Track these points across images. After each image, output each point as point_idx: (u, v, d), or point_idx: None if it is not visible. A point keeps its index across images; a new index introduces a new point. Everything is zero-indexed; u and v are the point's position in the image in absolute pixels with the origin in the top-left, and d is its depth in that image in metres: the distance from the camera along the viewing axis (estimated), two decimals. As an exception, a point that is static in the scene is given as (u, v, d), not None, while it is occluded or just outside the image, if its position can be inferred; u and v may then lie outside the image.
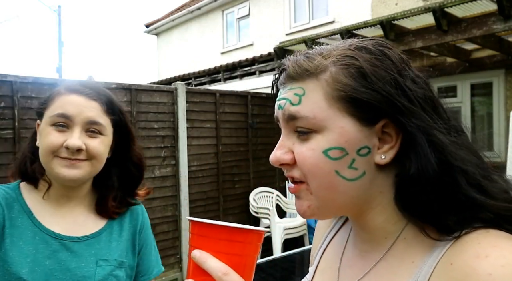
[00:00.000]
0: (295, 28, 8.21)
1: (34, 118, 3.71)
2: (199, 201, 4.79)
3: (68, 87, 0.95)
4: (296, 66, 0.56)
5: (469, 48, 5.06)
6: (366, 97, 0.52)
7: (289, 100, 0.56)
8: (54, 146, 0.89)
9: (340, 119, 0.53)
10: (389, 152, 0.54)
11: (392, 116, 0.52)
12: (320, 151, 0.53)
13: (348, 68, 0.53)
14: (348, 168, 0.53)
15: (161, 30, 12.20)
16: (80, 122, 0.91)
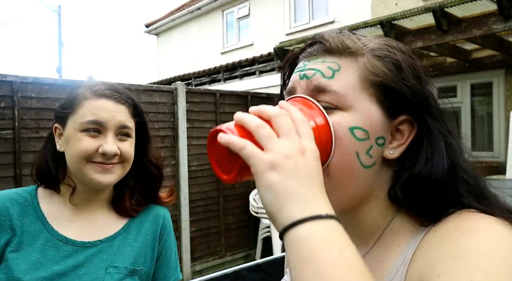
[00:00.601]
0: (295, 28, 8.21)
1: (34, 118, 3.68)
2: (199, 201, 4.79)
3: (95, 91, 0.95)
4: (338, 41, 0.56)
5: (469, 48, 5.06)
6: (400, 87, 0.54)
7: (321, 71, 0.55)
8: (88, 152, 0.89)
9: (369, 103, 0.53)
10: (398, 148, 0.55)
11: (416, 113, 0.54)
12: (347, 127, 0.52)
13: (385, 59, 0.55)
14: (366, 154, 0.53)
15: (161, 30, 12.20)
16: (113, 127, 0.92)
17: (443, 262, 0.45)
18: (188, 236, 4.60)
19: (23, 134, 3.46)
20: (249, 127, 0.48)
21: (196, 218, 4.74)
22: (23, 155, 3.44)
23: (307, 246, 0.40)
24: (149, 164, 1.06)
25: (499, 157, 5.79)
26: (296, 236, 0.41)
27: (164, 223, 1.07)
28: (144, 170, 1.05)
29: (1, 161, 3.36)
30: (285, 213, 0.42)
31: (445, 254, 0.45)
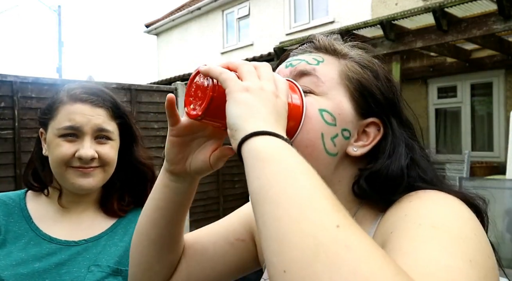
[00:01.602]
0: (295, 28, 8.21)
1: (34, 118, 3.69)
2: (199, 201, 4.79)
3: (71, 95, 0.94)
4: (327, 42, 0.63)
5: (469, 48, 5.06)
6: (373, 90, 0.59)
7: (306, 60, 0.60)
8: (66, 157, 0.90)
9: (342, 96, 0.58)
10: (361, 148, 0.59)
11: (384, 118, 0.59)
12: (317, 108, 0.56)
13: (365, 67, 0.61)
14: (330, 140, 0.56)
15: (161, 30, 12.20)
16: (89, 131, 0.92)
17: (395, 221, 0.50)
18: (188, 236, 4.60)
19: (23, 134, 3.46)
20: (232, 67, 0.52)
21: (196, 218, 4.74)
22: (23, 155, 3.44)
23: (269, 152, 0.42)
24: (138, 165, 1.04)
25: (499, 157, 5.79)
26: (257, 143, 0.43)
27: None
28: (132, 171, 1.04)
29: (1, 161, 3.36)
30: (250, 124, 0.45)
31: (396, 217, 0.50)
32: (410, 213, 0.49)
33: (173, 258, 0.68)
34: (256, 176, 0.41)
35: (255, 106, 0.46)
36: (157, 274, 0.67)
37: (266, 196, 0.39)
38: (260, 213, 0.39)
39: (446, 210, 0.48)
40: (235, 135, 0.45)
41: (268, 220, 0.38)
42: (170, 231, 0.65)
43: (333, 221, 0.35)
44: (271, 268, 0.36)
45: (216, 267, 0.69)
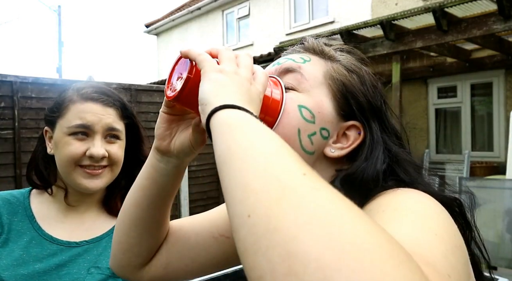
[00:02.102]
0: (295, 28, 8.22)
1: (34, 118, 3.69)
2: (199, 201, 4.79)
3: (81, 94, 0.94)
4: (316, 44, 0.64)
5: (469, 48, 5.06)
6: (357, 92, 0.60)
7: (293, 59, 0.62)
8: (76, 156, 0.90)
9: (324, 95, 0.59)
10: (339, 150, 0.59)
11: (366, 121, 0.59)
12: (296, 104, 0.57)
13: (352, 71, 0.62)
14: (307, 137, 0.57)
15: (161, 30, 12.20)
16: (100, 130, 0.92)
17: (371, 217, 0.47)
18: (188, 236, 4.60)
19: (23, 134, 3.46)
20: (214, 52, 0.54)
21: (196, 218, 4.74)
22: (23, 155, 3.44)
23: (237, 120, 0.41)
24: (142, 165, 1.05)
25: (499, 157, 5.79)
26: (226, 114, 0.43)
27: None
28: (136, 171, 1.05)
29: (1, 161, 3.36)
30: (220, 99, 0.45)
31: (372, 212, 0.49)
32: (386, 208, 0.48)
33: (154, 242, 0.67)
34: (223, 140, 0.40)
35: (228, 85, 0.47)
36: (136, 256, 0.67)
37: (233, 154, 0.38)
38: (225, 171, 0.38)
39: (413, 200, 0.49)
40: (205, 110, 0.45)
41: (233, 172, 0.37)
42: (151, 214, 0.65)
43: (299, 169, 0.35)
44: (235, 219, 0.34)
45: (196, 259, 0.69)
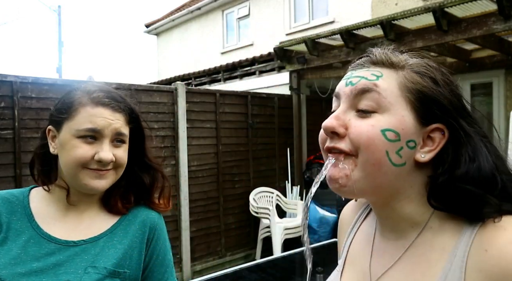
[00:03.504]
0: (295, 28, 8.21)
1: (34, 118, 3.69)
2: (199, 201, 4.79)
3: (92, 98, 0.95)
4: (383, 55, 0.65)
5: (469, 48, 5.06)
6: (435, 96, 0.61)
7: (365, 77, 0.63)
8: (84, 159, 0.92)
9: (404, 109, 0.60)
10: (428, 153, 0.61)
11: (449, 121, 0.60)
12: (379, 129, 0.59)
13: (423, 74, 0.62)
14: (395, 153, 0.59)
15: (161, 30, 12.20)
16: (109, 134, 0.94)
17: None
18: (188, 236, 4.60)
19: (23, 134, 3.46)
20: None
21: (196, 218, 4.74)
22: (23, 155, 3.44)
23: None
24: (145, 167, 1.07)
25: (499, 157, 5.79)
26: None
27: (154, 228, 1.05)
28: (143, 170, 1.07)
29: (1, 161, 3.36)
30: None
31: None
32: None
33: None
34: None
35: None
36: None
37: None
38: None
39: None
40: None
41: None
42: None
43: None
44: None
45: None
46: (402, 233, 0.64)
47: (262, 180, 5.46)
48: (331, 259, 0.91)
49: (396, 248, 0.64)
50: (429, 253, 0.60)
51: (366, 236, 0.73)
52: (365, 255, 0.70)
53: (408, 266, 0.62)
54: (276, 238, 4.74)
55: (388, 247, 0.66)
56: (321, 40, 5.01)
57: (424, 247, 0.61)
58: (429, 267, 0.59)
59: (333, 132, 0.62)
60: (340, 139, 0.61)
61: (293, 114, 5.82)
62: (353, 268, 0.73)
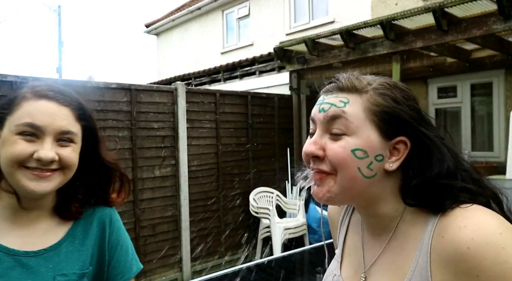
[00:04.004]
0: (295, 28, 8.21)
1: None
2: (199, 201, 4.79)
3: (36, 91, 0.86)
4: (348, 82, 0.74)
5: (469, 48, 5.05)
6: (396, 114, 0.71)
7: (335, 105, 0.72)
8: (21, 157, 0.82)
9: (369, 129, 0.70)
10: (396, 162, 0.72)
11: (411, 133, 0.71)
12: (349, 149, 0.69)
13: (384, 96, 0.72)
14: (366, 168, 0.70)
15: (161, 30, 12.20)
16: (52, 132, 0.84)
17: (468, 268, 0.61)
18: (188, 236, 4.60)
19: (23, 134, 3.46)
20: None
21: (196, 218, 4.74)
22: (23, 155, 3.44)
23: None
24: (103, 164, 1.00)
25: (499, 157, 5.79)
26: None
27: (110, 221, 1.02)
28: (98, 171, 1.00)
29: (1, 161, 3.36)
30: None
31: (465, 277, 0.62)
32: (464, 255, 0.61)
33: None
34: None
35: None
36: None
37: None
38: None
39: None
40: None
41: None
42: None
43: None
44: None
45: None
46: (384, 228, 0.75)
47: (262, 180, 5.46)
48: (331, 259, 0.92)
49: (379, 241, 0.76)
50: (406, 243, 0.71)
51: (356, 232, 0.85)
52: (358, 249, 0.82)
53: (391, 255, 0.74)
54: (276, 238, 4.74)
55: (375, 241, 0.78)
56: (321, 40, 5.01)
57: (401, 238, 0.73)
58: (406, 255, 0.70)
59: (314, 156, 0.72)
60: (321, 161, 0.72)
61: (293, 114, 5.82)
62: (350, 259, 0.85)
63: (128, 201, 4.13)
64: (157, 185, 4.37)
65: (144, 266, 4.23)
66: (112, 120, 4.04)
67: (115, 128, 4.05)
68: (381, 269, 0.75)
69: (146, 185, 4.29)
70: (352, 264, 0.83)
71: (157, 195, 4.37)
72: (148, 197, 4.30)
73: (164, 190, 4.44)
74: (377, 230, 0.77)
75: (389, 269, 0.73)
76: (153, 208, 4.34)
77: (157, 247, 4.36)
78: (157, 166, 4.38)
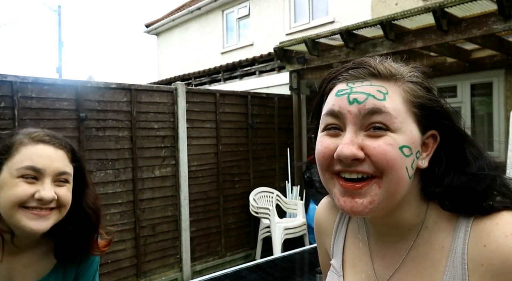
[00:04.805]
0: (295, 28, 8.21)
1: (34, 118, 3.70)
2: (199, 201, 4.79)
3: (33, 137, 0.93)
4: (383, 67, 0.63)
5: (469, 48, 5.05)
6: (431, 105, 0.63)
7: (373, 95, 0.60)
8: (23, 198, 0.87)
9: (410, 123, 0.61)
10: (426, 158, 0.64)
11: (443, 126, 0.64)
12: (397, 147, 0.59)
13: (418, 83, 0.64)
14: (411, 167, 0.61)
15: (161, 30, 12.20)
16: (51, 174, 0.91)
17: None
18: (188, 236, 4.60)
19: (23, 134, 3.46)
20: None
21: (196, 218, 4.74)
22: (23, 155, 3.44)
23: None
24: (86, 210, 1.04)
25: (499, 157, 5.79)
26: None
27: (90, 269, 1.07)
28: (80, 215, 1.03)
29: (1, 161, 3.36)
30: None
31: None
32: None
33: None
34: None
35: None
36: None
37: None
38: None
39: None
40: None
41: None
42: None
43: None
44: None
45: None
46: (401, 236, 0.65)
47: (262, 180, 5.46)
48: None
49: (397, 250, 0.66)
50: (431, 253, 0.62)
51: (358, 241, 0.74)
52: (365, 259, 0.71)
53: (413, 267, 0.64)
54: (276, 238, 4.74)
55: (388, 250, 0.67)
56: (321, 40, 5.01)
57: (424, 247, 0.63)
58: (434, 267, 0.61)
59: (354, 159, 0.59)
60: (362, 162, 0.59)
61: (293, 114, 5.82)
62: (355, 271, 0.73)
63: (128, 201, 4.13)
64: (157, 185, 4.37)
65: (144, 266, 4.24)
66: (112, 120, 4.04)
67: (115, 128, 4.05)
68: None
69: (146, 185, 4.29)
70: (358, 277, 0.72)
71: (157, 195, 4.38)
72: (148, 197, 4.30)
73: (164, 190, 4.44)
74: (391, 238, 0.67)
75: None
76: (153, 208, 4.34)
77: (157, 247, 4.36)
78: (157, 166, 4.38)
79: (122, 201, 4.09)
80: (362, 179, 0.59)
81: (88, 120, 3.85)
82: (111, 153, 4.02)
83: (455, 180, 0.62)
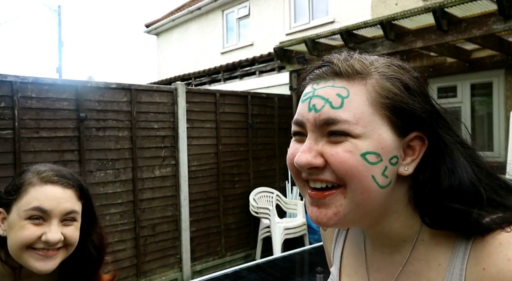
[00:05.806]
0: (295, 28, 8.21)
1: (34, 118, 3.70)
2: (199, 201, 4.79)
3: (41, 177, 0.94)
4: (346, 65, 0.57)
5: (469, 48, 5.06)
6: (410, 106, 0.56)
7: (329, 101, 0.55)
8: (30, 241, 0.89)
9: (380, 126, 0.55)
10: (411, 164, 0.57)
11: (426, 129, 0.56)
12: (359, 154, 0.53)
13: (392, 80, 0.57)
14: (381, 175, 0.55)
15: (161, 30, 12.20)
16: (58, 215, 0.92)
17: None
18: (188, 236, 4.60)
19: (23, 134, 3.46)
20: None
21: (196, 218, 4.74)
22: (23, 155, 3.44)
23: None
24: (92, 247, 1.04)
25: (499, 157, 5.79)
26: None
27: None
28: (87, 251, 1.04)
29: (1, 161, 3.36)
30: None
31: None
32: None
33: None
34: None
35: None
36: None
37: None
38: None
39: None
40: None
41: None
42: None
43: None
44: None
45: None
46: (395, 248, 0.61)
47: (262, 180, 5.46)
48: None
49: (392, 263, 0.62)
50: (427, 270, 0.57)
51: (356, 248, 0.70)
52: (361, 269, 0.68)
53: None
54: (276, 238, 4.74)
55: (383, 261, 0.64)
56: (321, 40, 5.01)
57: (420, 263, 0.58)
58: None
59: (311, 168, 0.55)
60: (321, 170, 0.55)
61: (293, 114, 5.80)
62: (351, 280, 0.70)
63: (128, 201, 4.13)
64: (157, 185, 4.37)
65: (144, 266, 4.24)
66: (112, 120, 4.04)
67: (115, 128, 4.05)
68: None
69: (146, 185, 4.29)
70: None
71: (157, 195, 4.38)
72: (148, 197, 4.31)
73: (164, 190, 4.44)
74: (387, 249, 0.63)
75: None
76: (153, 208, 4.34)
77: (157, 247, 4.36)
78: (157, 166, 4.38)
79: (122, 201, 4.10)
80: (327, 188, 0.56)
81: (88, 120, 3.85)
82: (111, 153, 4.02)
83: (426, 189, 0.56)
